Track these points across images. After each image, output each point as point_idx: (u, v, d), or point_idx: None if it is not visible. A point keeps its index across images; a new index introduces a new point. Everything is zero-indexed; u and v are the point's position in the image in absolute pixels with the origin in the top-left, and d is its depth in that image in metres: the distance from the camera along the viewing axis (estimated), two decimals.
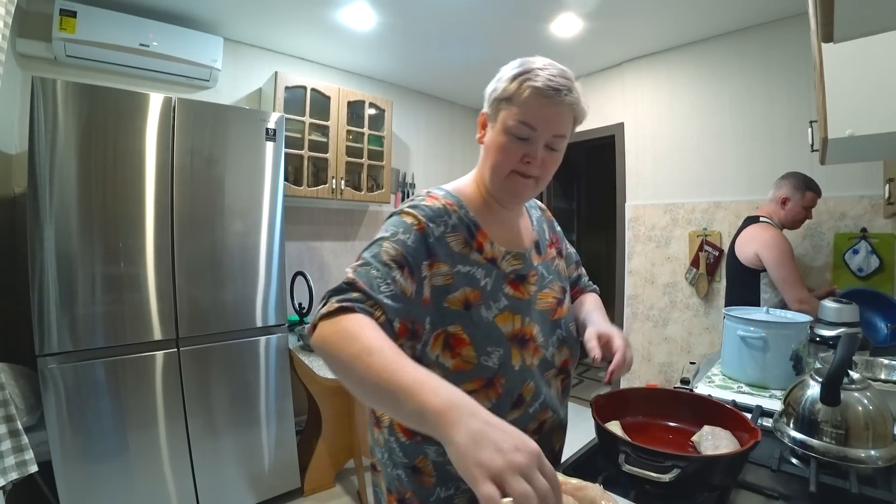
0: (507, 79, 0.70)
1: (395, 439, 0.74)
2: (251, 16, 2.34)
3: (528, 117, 0.68)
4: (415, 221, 0.69)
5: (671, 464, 0.62)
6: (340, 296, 0.60)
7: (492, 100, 0.73)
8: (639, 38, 2.64)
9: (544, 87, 0.67)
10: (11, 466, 1.27)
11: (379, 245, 0.67)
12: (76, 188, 1.57)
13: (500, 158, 0.72)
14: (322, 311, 0.59)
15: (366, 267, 0.64)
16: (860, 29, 0.49)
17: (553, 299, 0.82)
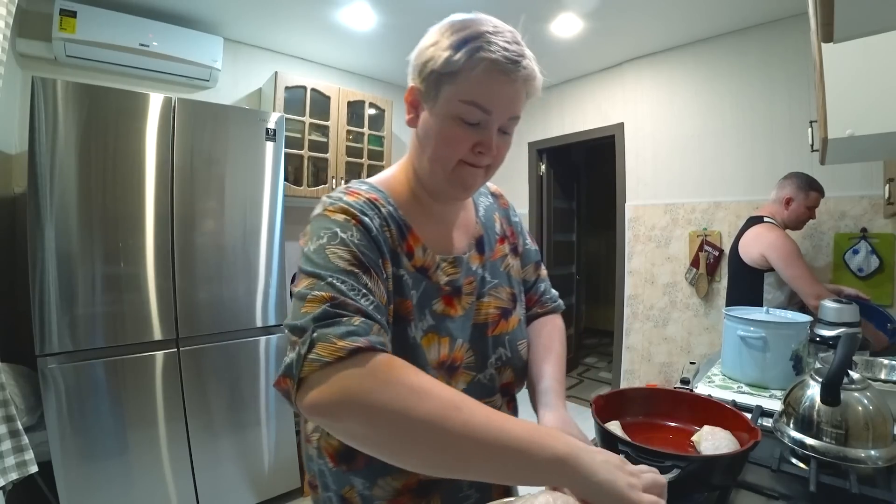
0: (451, 46, 0.54)
1: (325, 463, 0.64)
2: (251, 16, 2.34)
3: (482, 98, 0.54)
4: (348, 216, 0.55)
5: (671, 464, 0.62)
6: (340, 329, 0.45)
7: (427, 72, 0.56)
8: (639, 38, 2.64)
9: (503, 59, 0.52)
10: (12, 466, 1.27)
11: (322, 254, 0.51)
12: (76, 188, 1.57)
13: (445, 149, 0.57)
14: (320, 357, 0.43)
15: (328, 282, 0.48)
16: (860, 29, 0.49)
17: (495, 310, 0.68)
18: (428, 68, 0.56)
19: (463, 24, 0.55)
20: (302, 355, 0.44)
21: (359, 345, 0.44)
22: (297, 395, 0.44)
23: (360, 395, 0.42)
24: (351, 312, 0.47)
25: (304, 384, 0.43)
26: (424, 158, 0.61)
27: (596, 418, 0.74)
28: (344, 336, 0.44)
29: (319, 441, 0.64)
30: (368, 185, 0.63)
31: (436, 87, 0.56)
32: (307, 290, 0.48)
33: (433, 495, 0.61)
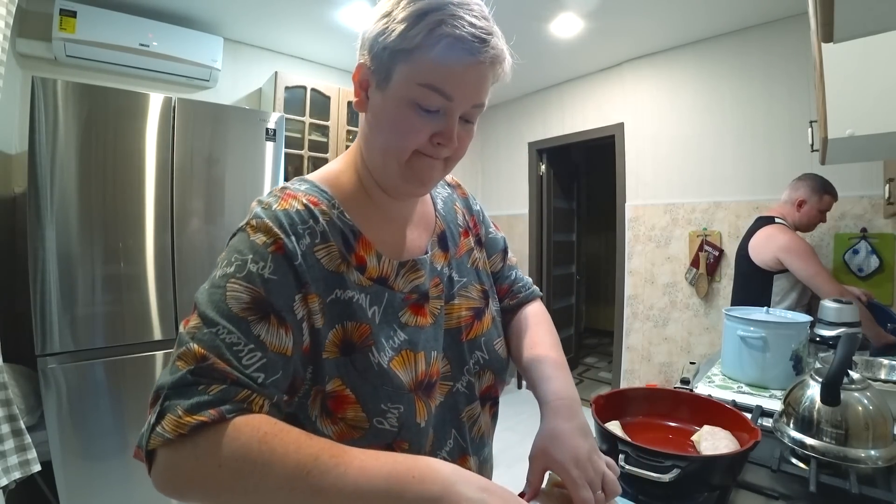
0: (407, 18, 0.46)
1: None
2: (251, 16, 2.34)
3: (443, 82, 0.46)
4: (269, 239, 0.46)
5: (671, 464, 0.62)
6: (191, 400, 0.39)
7: (379, 47, 0.48)
8: (639, 38, 2.64)
9: (469, 36, 0.44)
10: (14, 465, 1.27)
11: (221, 290, 0.44)
12: (76, 188, 1.57)
13: (399, 138, 0.49)
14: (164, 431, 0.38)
15: (211, 331, 0.42)
16: (860, 29, 0.49)
17: (467, 312, 0.61)
18: (380, 43, 0.48)
19: None
20: (150, 425, 0.40)
21: (203, 419, 0.38)
22: (149, 468, 0.41)
23: (199, 481, 0.39)
24: (213, 379, 0.40)
25: (153, 458, 0.41)
26: (375, 148, 0.53)
27: (596, 418, 0.74)
28: (190, 410, 0.38)
29: None
30: (309, 183, 0.54)
31: (388, 65, 0.47)
32: (188, 337, 0.42)
33: None
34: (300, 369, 0.47)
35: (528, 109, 3.53)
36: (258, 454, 0.38)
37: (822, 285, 1.66)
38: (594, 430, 0.75)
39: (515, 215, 3.71)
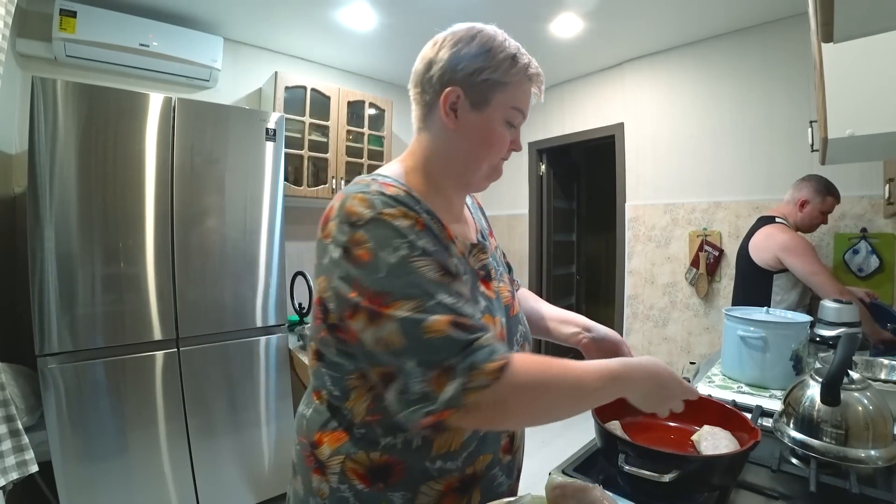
0: (507, 58, 0.62)
1: (350, 487, 0.59)
2: (251, 16, 2.34)
3: (523, 104, 0.65)
4: (411, 221, 0.55)
5: (671, 464, 0.62)
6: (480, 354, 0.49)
7: (479, 80, 0.61)
8: (639, 38, 2.64)
9: (537, 72, 0.65)
10: (12, 466, 1.27)
11: (411, 271, 0.52)
12: (76, 188, 1.56)
13: (495, 148, 0.64)
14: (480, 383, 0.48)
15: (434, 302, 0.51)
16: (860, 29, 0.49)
17: (508, 293, 0.73)
18: (480, 76, 0.61)
19: (505, 39, 0.65)
20: (464, 387, 0.48)
21: (503, 362, 0.50)
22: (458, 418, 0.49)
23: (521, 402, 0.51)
24: (475, 331, 0.51)
25: (470, 408, 0.48)
26: (462, 155, 0.65)
27: (596, 418, 0.74)
28: (489, 359, 0.49)
29: (344, 464, 0.59)
30: (391, 178, 0.62)
31: (486, 93, 0.62)
32: (418, 312, 0.50)
33: (474, 490, 0.63)
34: None
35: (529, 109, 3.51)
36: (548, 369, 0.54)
37: (823, 284, 1.66)
38: (594, 429, 0.76)
39: (515, 215, 3.71)
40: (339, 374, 0.60)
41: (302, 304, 2.55)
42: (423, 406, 0.48)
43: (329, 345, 0.59)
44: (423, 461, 0.59)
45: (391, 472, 0.59)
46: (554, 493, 0.53)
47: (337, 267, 0.54)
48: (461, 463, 0.60)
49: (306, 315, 2.57)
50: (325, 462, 0.61)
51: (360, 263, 0.52)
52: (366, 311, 0.51)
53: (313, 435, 0.63)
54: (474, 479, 0.62)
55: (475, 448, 0.61)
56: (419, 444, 0.58)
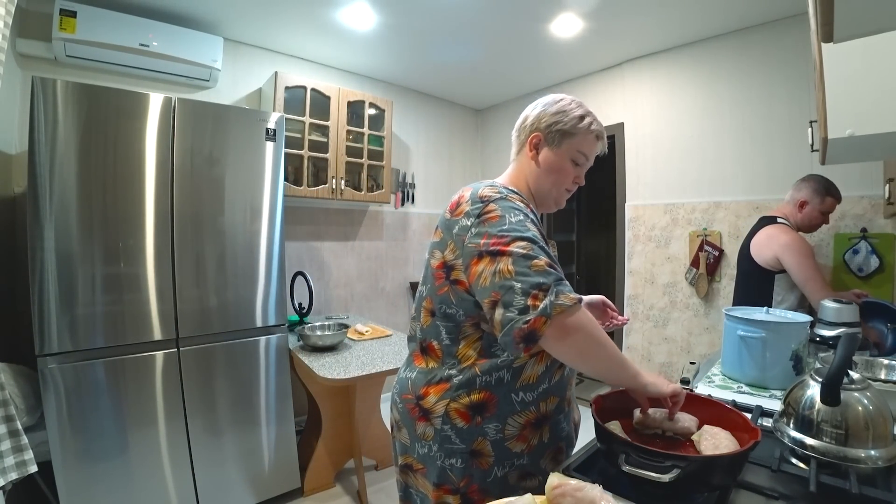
0: (576, 117, 0.88)
1: (452, 426, 0.79)
2: (251, 16, 2.34)
3: (587, 151, 0.90)
4: (524, 203, 0.82)
5: (671, 464, 0.62)
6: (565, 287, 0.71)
7: (555, 130, 0.89)
8: (639, 39, 2.64)
9: (601, 131, 0.91)
10: (11, 466, 1.27)
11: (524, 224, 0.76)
12: (76, 188, 1.56)
13: (561, 178, 0.91)
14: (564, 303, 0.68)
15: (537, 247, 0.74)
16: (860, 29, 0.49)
17: None
18: (556, 127, 0.89)
19: (580, 105, 0.90)
20: (553, 303, 0.68)
21: (578, 297, 0.71)
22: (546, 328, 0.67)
23: (587, 329, 0.71)
24: (559, 274, 0.72)
25: (554, 319, 0.67)
26: (545, 182, 0.91)
27: (596, 418, 0.74)
28: (570, 292, 0.70)
29: (448, 406, 0.79)
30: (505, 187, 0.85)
31: (559, 138, 0.89)
32: (530, 252, 0.72)
33: (544, 427, 0.83)
34: None
35: None
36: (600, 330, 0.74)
37: (815, 292, 1.66)
38: (594, 430, 0.76)
39: None
40: (454, 322, 0.81)
41: (302, 304, 2.55)
42: (522, 318, 0.67)
43: (447, 300, 0.81)
44: (511, 393, 0.79)
45: (486, 406, 0.79)
46: (554, 492, 0.53)
47: (469, 229, 0.77)
48: (536, 397, 0.81)
49: (306, 315, 2.56)
50: (431, 409, 0.81)
51: (491, 222, 0.76)
52: (488, 252, 0.73)
53: (419, 390, 0.83)
54: (545, 418, 0.83)
55: (547, 387, 0.82)
56: (508, 378, 0.79)
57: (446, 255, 0.81)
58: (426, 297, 0.86)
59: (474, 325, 0.80)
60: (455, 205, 0.83)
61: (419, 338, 0.88)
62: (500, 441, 0.79)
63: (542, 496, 0.55)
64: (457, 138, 3.85)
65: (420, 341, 0.87)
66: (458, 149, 3.86)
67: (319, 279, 3.01)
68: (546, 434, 0.83)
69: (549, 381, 0.83)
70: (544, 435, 0.83)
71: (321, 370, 1.87)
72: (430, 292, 0.85)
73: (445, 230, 0.83)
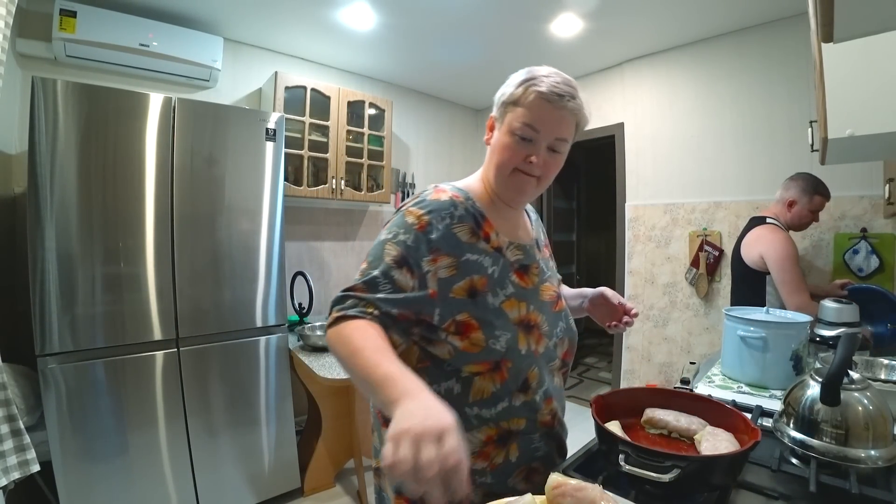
0: (515, 84, 0.76)
1: None
2: (251, 16, 2.34)
3: (532, 120, 0.73)
4: (415, 221, 0.73)
5: (671, 464, 0.62)
6: (338, 306, 0.69)
7: (500, 104, 0.78)
8: (639, 38, 2.64)
9: (548, 91, 0.72)
10: (14, 466, 1.27)
11: (382, 246, 0.73)
12: (76, 188, 1.57)
13: (504, 157, 0.76)
14: (327, 322, 0.69)
15: (369, 270, 0.71)
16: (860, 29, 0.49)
17: (554, 293, 0.86)
18: (500, 101, 0.78)
19: (528, 71, 0.76)
20: (329, 314, 0.69)
21: (336, 316, 0.67)
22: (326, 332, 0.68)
23: (335, 345, 0.66)
24: (353, 296, 0.68)
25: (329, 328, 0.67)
26: (492, 166, 0.79)
27: (596, 418, 0.74)
28: (339, 310, 0.68)
29: None
30: (453, 186, 0.81)
31: (503, 113, 0.77)
32: (359, 274, 0.71)
33: (511, 445, 0.76)
34: (425, 308, 0.71)
35: None
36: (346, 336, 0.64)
37: (788, 295, 1.66)
38: (594, 430, 0.76)
39: None
40: None
41: (302, 304, 2.55)
42: None
43: None
44: (463, 407, 0.72)
45: None
46: (554, 492, 0.53)
47: None
48: (496, 415, 0.73)
49: (306, 315, 2.57)
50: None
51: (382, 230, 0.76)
52: None
53: None
54: (510, 434, 0.75)
55: (508, 407, 0.74)
56: (458, 392, 0.73)
57: None
58: None
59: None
60: None
61: None
62: None
63: (542, 496, 0.55)
64: (457, 138, 3.85)
65: None
66: (457, 149, 3.86)
67: (319, 279, 3.01)
68: (514, 453, 0.75)
69: (509, 401, 0.73)
70: (511, 454, 0.75)
71: (321, 370, 1.87)
72: None
73: None
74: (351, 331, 0.64)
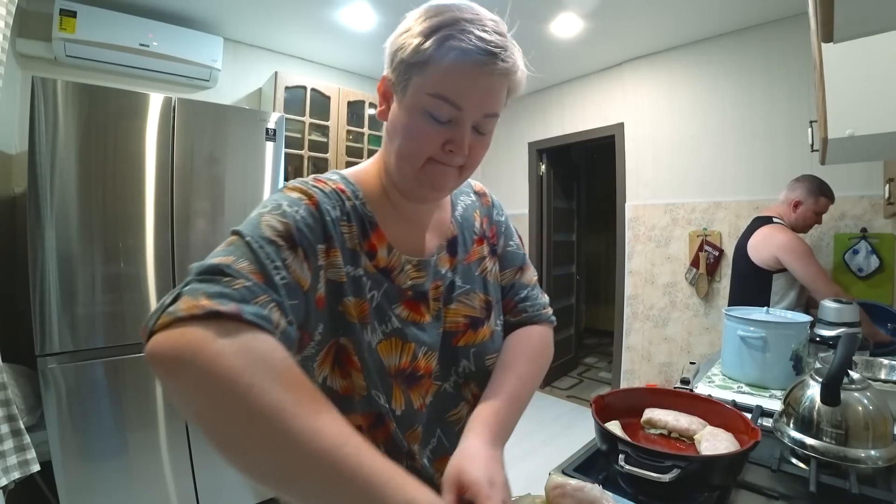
0: (421, 33, 0.48)
1: None
2: (251, 16, 2.34)
3: (452, 92, 0.48)
4: (303, 196, 0.51)
5: (671, 464, 0.62)
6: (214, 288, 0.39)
7: (397, 61, 0.50)
8: (639, 38, 2.64)
9: (476, 49, 0.46)
10: (14, 466, 1.27)
11: (258, 218, 0.47)
12: (76, 188, 1.56)
13: (412, 145, 0.52)
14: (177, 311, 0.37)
15: (244, 242, 0.43)
16: (860, 29, 0.49)
17: (463, 318, 0.61)
18: (398, 57, 0.50)
19: (438, 10, 0.49)
20: (164, 306, 0.38)
21: (222, 309, 0.37)
22: (149, 345, 0.38)
23: (204, 354, 0.35)
24: (240, 276, 0.40)
25: (155, 335, 0.38)
26: (392, 154, 0.55)
27: (596, 418, 0.74)
28: (211, 296, 0.38)
29: None
30: (339, 175, 0.58)
31: (404, 77, 0.50)
32: (222, 247, 0.44)
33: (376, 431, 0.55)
34: (311, 321, 0.49)
35: (528, 109, 3.52)
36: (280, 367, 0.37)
37: (822, 286, 1.66)
38: (594, 430, 0.76)
39: (515, 215, 3.70)
40: None
41: None
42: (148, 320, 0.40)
43: None
44: None
45: None
46: (554, 492, 0.53)
47: None
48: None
49: None
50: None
51: None
52: None
53: None
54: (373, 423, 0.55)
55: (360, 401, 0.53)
56: None
57: None
58: None
59: None
60: None
61: None
62: None
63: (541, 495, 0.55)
64: None
65: None
66: None
67: None
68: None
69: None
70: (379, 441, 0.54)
71: None
72: None
73: None
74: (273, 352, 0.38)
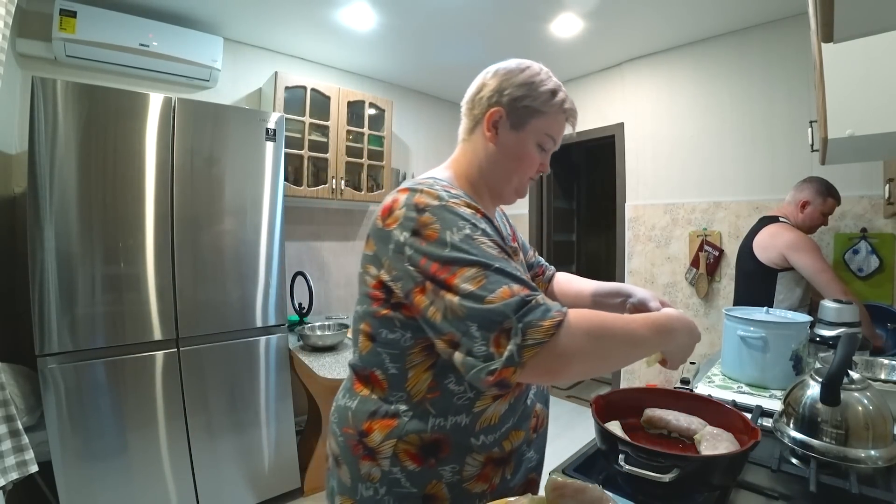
0: (547, 92, 0.73)
1: (402, 469, 0.66)
2: (251, 16, 2.34)
3: (556, 133, 0.75)
4: (473, 211, 0.64)
5: (671, 464, 0.62)
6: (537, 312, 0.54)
7: (520, 105, 0.72)
8: (639, 38, 2.64)
9: (573, 110, 0.76)
10: (12, 466, 1.27)
11: (474, 246, 0.59)
12: (76, 188, 1.56)
13: (525, 166, 0.75)
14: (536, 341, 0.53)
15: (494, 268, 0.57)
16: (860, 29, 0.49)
17: None
18: (522, 103, 0.72)
19: (548, 75, 0.75)
20: (521, 346, 0.53)
21: (558, 318, 0.54)
22: (519, 375, 0.53)
23: (576, 354, 0.55)
24: (529, 294, 0.55)
25: (528, 365, 0.53)
26: (502, 169, 0.75)
27: (596, 418, 0.74)
28: (544, 317, 0.54)
29: (396, 447, 0.66)
30: (447, 182, 0.71)
31: (524, 117, 0.73)
32: (481, 283, 0.56)
33: (509, 462, 0.71)
34: None
35: None
36: (596, 328, 0.58)
37: (829, 284, 1.66)
38: (594, 430, 0.76)
39: (515, 215, 3.71)
40: (399, 350, 0.66)
41: (302, 304, 2.55)
42: (487, 366, 0.53)
43: (390, 322, 0.66)
44: (469, 437, 0.67)
45: (441, 447, 0.66)
46: (554, 493, 0.53)
47: (405, 248, 0.61)
48: (499, 437, 0.69)
49: (306, 315, 2.56)
50: (377, 448, 0.67)
51: (430, 240, 0.60)
52: (433, 281, 0.58)
53: (361, 425, 0.68)
54: (511, 453, 0.71)
55: (512, 425, 0.70)
56: (466, 423, 0.66)
57: (382, 275, 0.65)
58: (363, 319, 0.70)
59: (424, 349, 0.65)
60: (387, 211, 0.65)
61: (359, 366, 0.72)
62: (458, 483, 0.67)
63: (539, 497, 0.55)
64: (457, 138, 3.84)
65: (359, 370, 0.72)
66: None
67: (319, 279, 3.01)
68: (509, 470, 0.71)
69: (513, 418, 0.71)
70: (507, 471, 0.71)
71: (321, 370, 1.87)
72: (367, 314, 0.69)
73: (379, 242, 0.66)
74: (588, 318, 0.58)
